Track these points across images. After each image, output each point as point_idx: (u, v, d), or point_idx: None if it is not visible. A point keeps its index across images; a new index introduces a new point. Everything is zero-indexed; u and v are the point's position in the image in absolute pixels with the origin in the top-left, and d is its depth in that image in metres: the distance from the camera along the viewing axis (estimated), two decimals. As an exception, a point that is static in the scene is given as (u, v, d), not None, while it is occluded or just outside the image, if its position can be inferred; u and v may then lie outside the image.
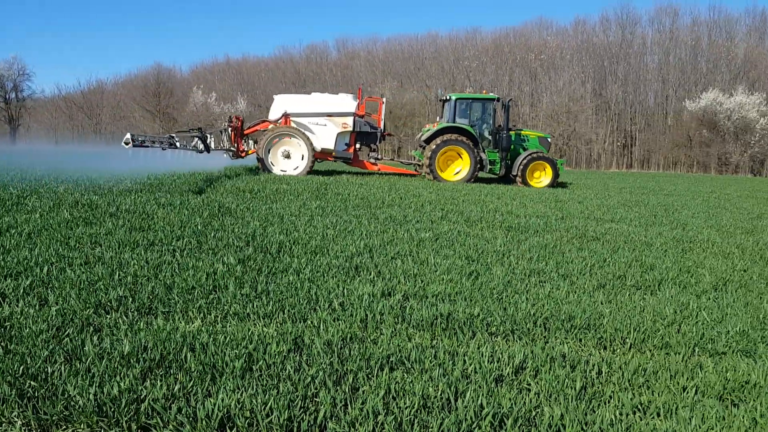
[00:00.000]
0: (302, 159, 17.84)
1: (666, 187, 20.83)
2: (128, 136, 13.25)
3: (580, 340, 4.00)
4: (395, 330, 3.88)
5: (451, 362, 3.33)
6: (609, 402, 3.04)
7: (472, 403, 2.80)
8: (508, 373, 3.26)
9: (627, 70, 53.25)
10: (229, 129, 18.11)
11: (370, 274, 5.31)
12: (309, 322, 3.93)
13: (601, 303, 4.84)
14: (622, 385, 3.26)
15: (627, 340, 4.01)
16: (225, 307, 4.16)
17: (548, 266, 6.06)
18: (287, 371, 3.11)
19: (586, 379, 3.27)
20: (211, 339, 3.47)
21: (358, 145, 18.86)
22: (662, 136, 50.59)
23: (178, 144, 15.65)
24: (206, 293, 4.44)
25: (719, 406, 3.05)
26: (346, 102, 18.52)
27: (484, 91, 23.96)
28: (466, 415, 2.71)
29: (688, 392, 3.21)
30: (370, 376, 3.13)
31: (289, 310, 4.14)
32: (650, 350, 3.89)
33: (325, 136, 18.10)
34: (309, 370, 3.12)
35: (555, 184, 18.38)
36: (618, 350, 3.88)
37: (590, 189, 18.30)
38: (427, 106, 62.42)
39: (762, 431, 2.81)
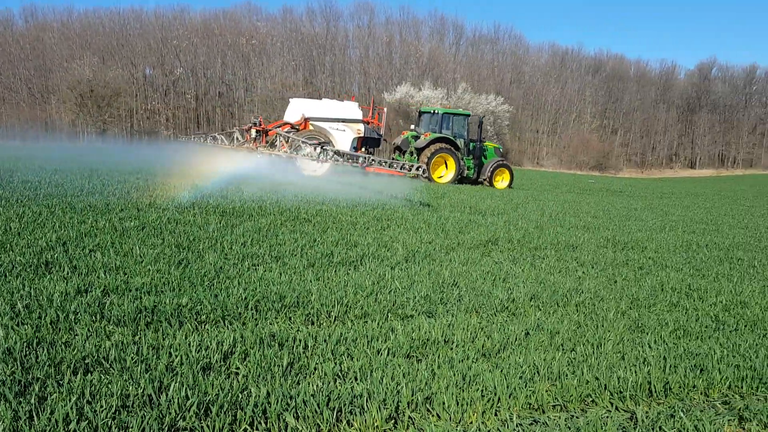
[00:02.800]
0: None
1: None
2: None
3: (290, 318, 4.16)
4: (92, 329, 3.54)
5: (155, 356, 3.17)
6: (314, 373, 3.23)
7: (177, 396, 2.71)
8: (216, 360, 3.23)
9: (333, 61, 56.68)
10: (254, 130, 18.56)
11: (64, 270, 4.75)
12: (-18, 332, 3.36)
13: (311, 281, 5.11)
14: (326, 356, 3.49)
15: (332, 313, 4.30)
16: None
17: (262, 249, 6.16)
18: (-50, 392, 2.61)
19: (293, 355, 3.42)
20: None
21: (363, 149, 20.52)
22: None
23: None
24: None
25: (406, 364, 3.47)
26: (354, 109, 20.32)
27: (446, 105, 30.16)
28: (169, 408, 2.61)
29: (381, 354, 3.59)
30: (61, 382, 2.81)
31: (-47, 321, 3.48)
32: (351, 320, 4.24)
33: (344, 141, 19.66)
34: (-20, 386, 2.67)
35: (511, 185, 23.34)
36: (324, 324, 4.14)
37: (303, 173, 19.12)
38: (134, 86, 57.79)
39: (439, 380, 3.27)
